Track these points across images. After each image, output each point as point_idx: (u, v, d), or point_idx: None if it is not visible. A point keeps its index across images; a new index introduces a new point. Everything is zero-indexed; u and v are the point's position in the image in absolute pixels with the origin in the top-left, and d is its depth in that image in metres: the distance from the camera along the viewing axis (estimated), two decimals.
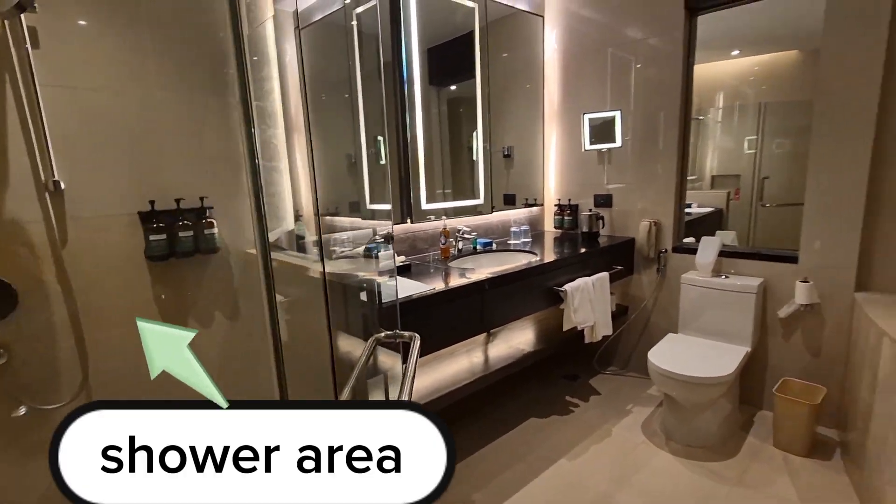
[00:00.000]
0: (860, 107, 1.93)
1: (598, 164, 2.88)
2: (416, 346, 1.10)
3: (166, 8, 1.50)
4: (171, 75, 1.53)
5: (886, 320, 1.70)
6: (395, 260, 1.91)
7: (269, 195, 1.83)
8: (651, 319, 2.78)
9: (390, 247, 1.78)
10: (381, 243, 1.68)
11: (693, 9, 2.39)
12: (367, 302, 1.45)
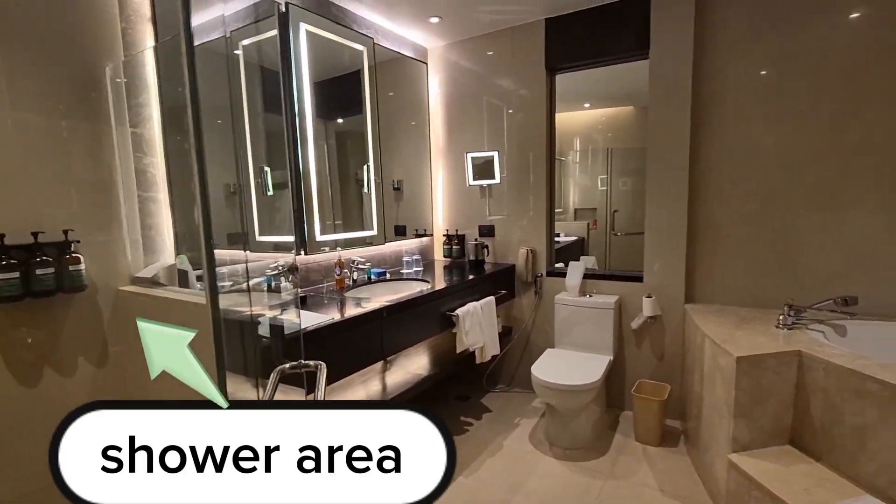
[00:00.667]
0: (678, 155, 2.44)
1: (480, 198, 3.15)
2: (323, 375, 1.12)
3: (28, 27, 1.36)
4: (32, 97, 1.37)
5: (707, 325, 2.13)
6: (298, 291, 1.88)
7: (146, 227, 1.70)
8: (531, 338, 3.07)
9: (292, 278, 1.76)
10: (283, 273, 1.65)
11: (551, 69, 2.81)
12: (267, 336, 1.42)
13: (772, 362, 1.74)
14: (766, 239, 2.34)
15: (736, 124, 2.35)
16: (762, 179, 2.32)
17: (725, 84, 2.35)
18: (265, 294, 1.71)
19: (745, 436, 1.76)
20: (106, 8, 1.54)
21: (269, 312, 1.69)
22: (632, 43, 2.51)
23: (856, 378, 1.53)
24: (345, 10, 2.50)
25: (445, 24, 2.76)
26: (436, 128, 3.24)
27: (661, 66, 2.44)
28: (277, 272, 1.68)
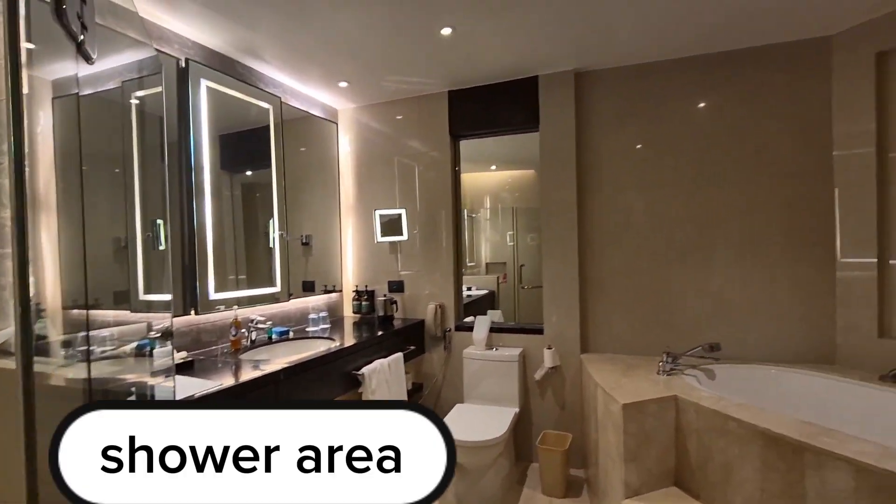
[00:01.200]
0: (567, 216, 2.68)
1: (390, 254, 3.18)
2: None
3: None
4: None
5: (598, 374, 2.27)
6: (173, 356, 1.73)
7: None
8: (442, 393, 3.05)
9: (168, 342, 1.62)
10: (157, 338, 1.52)
11: (455, 135, 3.02)
12: None
13: (653, 407, 1.88)
14: (646, 291, 2.60)
15: (614, 191, 2.65)
16: (638, 238, 2.61)
17: (602, 156, 2.67)
18: (141, 360, 1.55)
19: (635, 480, 1.86)
20: None
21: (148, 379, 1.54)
22: (524, 117, 2.78)
23: (719, 418, 1.70)
24: (251, 69, 2.52)
25: (354, 88, 2.88)
26: (346, 184, 3.28)
27: (549, 139, 2.72)
28: (151, 336, 1.55)
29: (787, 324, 2.37)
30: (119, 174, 1.97)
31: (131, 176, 1.97)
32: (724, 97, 2.45)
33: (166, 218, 2.02)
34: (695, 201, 2.51)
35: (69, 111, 1.79)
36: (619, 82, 2.63)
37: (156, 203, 1.99)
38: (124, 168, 1.96)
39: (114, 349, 1.69)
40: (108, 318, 1.91)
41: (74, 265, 1.64)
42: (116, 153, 1.95)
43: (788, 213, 2.36)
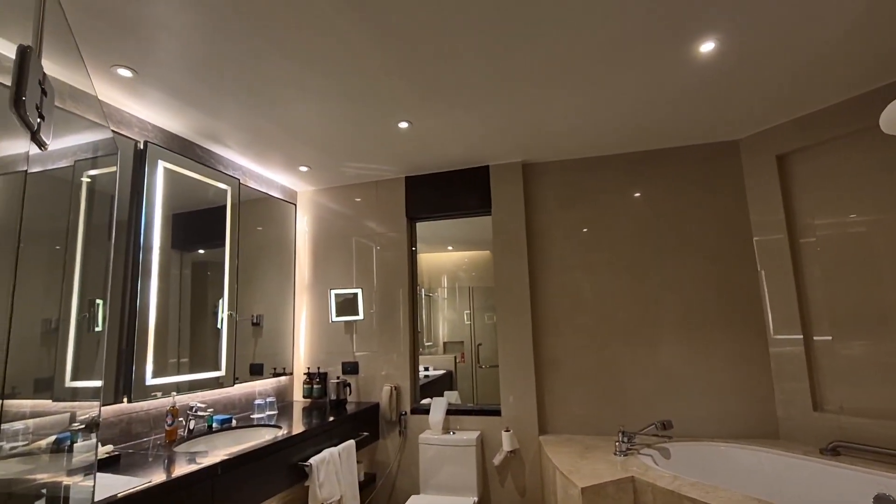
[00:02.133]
0: (521, 296, 2.77)
1: (345, 334, 3.12)
2: None
3: None
4: None
5: (557, 456, 2.23)
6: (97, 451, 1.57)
7: None
8: (396, 484, 2.86)
9: (93, 435, 1.48)
10: (80, 430, 1.39)
11: (411, 217, 3.14)
12: None
13: (611, 489, 1.85)
14: (598, 369, 2.65)
15: (563, 271, 2.79)
16: (586, 318, 2.71)
17: (551, 239, 2.84)
18: (59, 456, 1.40)
19: None
20: None
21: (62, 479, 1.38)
22: (477, 202, 2.95)
23: (674, 498, 1.69)
24: (211, 152, 2.58)
25: (314, 172, 2.99)
26: (302, 264, 3.27)
27: (501, 222, 2.88)
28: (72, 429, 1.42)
29: (730, 399, 2.45)
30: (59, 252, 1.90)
31: (73, 254, 1.90)
32: (653, 189, 2.72)
33: (106, 298, 1.93)
34: (635, 282, 2.67)
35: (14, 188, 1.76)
36: (562, 173, 2.87)
37: (97, 282, 1.91)
38: (66, 245, 1.90)
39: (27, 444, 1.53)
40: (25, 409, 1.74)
41: None
42: (60, 230, 1.90)
43: (719, 293, 2.55)
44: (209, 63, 1.77)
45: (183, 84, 1.91)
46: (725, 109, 2.27)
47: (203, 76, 1.86)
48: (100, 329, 1.92)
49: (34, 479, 1.30)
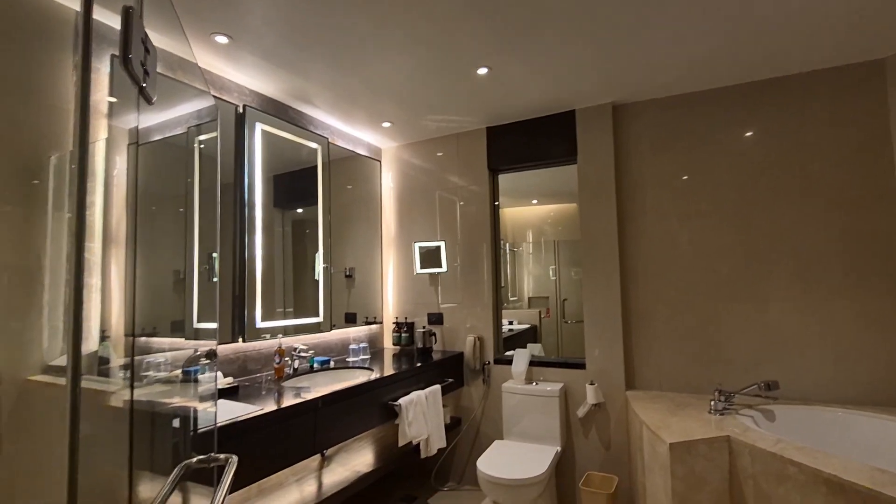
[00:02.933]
0: (608, 248, 2.63)
1: (430, 286, 3.22)
2: (231, 468, 1.07)
3: None
4: None
5: (645, 412, 2.16)
6: (217, 381, 1.81)
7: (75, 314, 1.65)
8: (481, 429, 2.98)
9: (210, 368, 1.70)
10: (204, 364, 1.61)
11: (493, 170, 3.08)
12: (180, 429, 1.35)
13: (703, 448, 1.76)
14: (694, 325, 2.48)
15: (656, 222, 2.59)
16: (683, 271, 2.52)
17: (644, 187, 2.63)
18: (188, 384, 1.64)
19: None
20: (59, 104, 1.63)
21: (195, 403, 1.62)
22: (562, 150, 2.81)
23: (777, 462, 1.57)
24: (302, 113, 2.71)
25: (397, 128, 3.03)
26: (388, 219, 3.39)
27: (587, 171, 2.72)
28: (204, 361, 1.64)
29: (853, 360, 2.18)
30: (182, 212, 2.15)
31: (192, 213, 2.15)
32: (771, 125, 2.38)
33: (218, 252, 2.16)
34: (742, 231, 2.41)
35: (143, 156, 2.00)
36: (659, 113, 2.62)
37: (212, 238, 2.15)
38: (186, 206, 2.14)
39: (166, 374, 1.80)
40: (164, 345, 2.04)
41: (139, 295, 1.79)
42: (180, 193, 2.14)
43: (847, 244, 2.21)
44: (297, 26, 1.84)
45: (275, 47, 2.01)
46: (870, 18, 1.87)
47: (292, 38, 1.94)
48: (217, 279, 2.17)
49: (170, 403, 1.55)
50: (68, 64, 1.67)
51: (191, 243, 2.16)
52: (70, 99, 1.67)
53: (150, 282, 1.99)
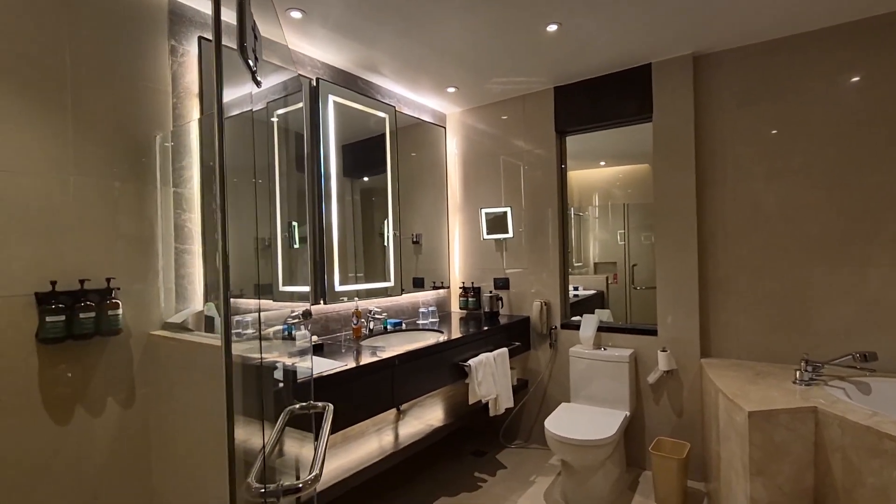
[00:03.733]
0: (685, 211, 2.51)
1: (496, 252, 3.25)
2: (329, 415, 1.19)
3: (94, 104, 1.60)
4: (92, 162, 1.58)
5: (721, 380, 2.10)
6: (310, 339, 1.98)
7: (180, 277, 1.85)
8: (548, 391, 3.04)
9: (304, 327, 1.86)
10: (298, 322, 1.76)
11: (561, 132, 2.99)
12: (281, 380, 1.50)
13: (785, 418, 1.70)
14: (777, 293, 2.33)
15: (738, 182, 2.42)
16: (767, 235, 2.35)
17: (725, 144, 2.45)
18: (283, 341, 1.81)
19: (763, 496, 1.69)
20: (160, 87, 1.79)
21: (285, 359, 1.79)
22: (635, 108, 2.66)
23: (871, 436, 1.49)
24: (370, 83, 2.76)
25: (462, 93, 3.00)
26: (453, 185, 3.42)
27: (664, 129, 2.57)
28: (297, 320, 1.79)
29: None
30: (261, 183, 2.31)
31: (273, 185, 2.30)
32: (879, 69, 2.10)
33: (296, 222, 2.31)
34: (840, 190, 2.19)
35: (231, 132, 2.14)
36: (744, 62, 2.40)
37: (293, 208, 2.30)
38: (269, 177, 2.29)
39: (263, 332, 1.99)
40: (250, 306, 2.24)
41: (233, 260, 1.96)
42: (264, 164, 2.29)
43: None
44: None
45: (344, 18, 2.05)
46: None
47: (360, 8, 1.97)
48: (297, 246, 2.33)
49: (269, 357, 1.71)
50: (164, 48, 1.81)
51: (274, 212, 2.33)
52: (168, 81, 1.82)
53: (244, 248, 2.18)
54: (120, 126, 1.67)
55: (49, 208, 1.49)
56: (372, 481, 2.28)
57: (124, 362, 1.66)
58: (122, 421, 1.65)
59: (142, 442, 1.69)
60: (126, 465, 1.65)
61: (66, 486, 1.51)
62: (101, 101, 1.62)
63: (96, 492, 1.57)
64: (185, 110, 1.87)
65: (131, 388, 1.68)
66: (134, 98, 1.71)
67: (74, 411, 1.53)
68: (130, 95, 1.70)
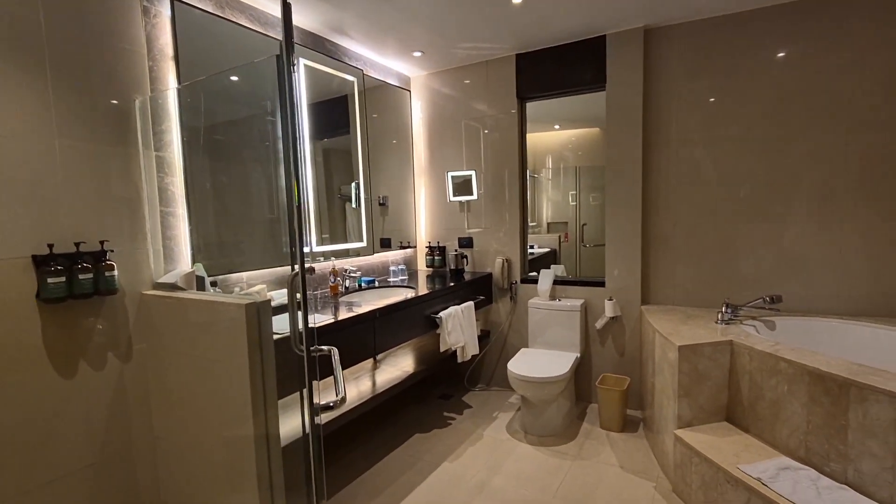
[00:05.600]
0: (632, 174, 2.78)
1: (460, 213, 3.44)
2: (335, 354, 1.37)
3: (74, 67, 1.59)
4: (75, 126, 1.59)
5: (658, 322, 2.44)
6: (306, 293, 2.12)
7: (167, 239, 1.92)
8: (508, 339, 3.35)
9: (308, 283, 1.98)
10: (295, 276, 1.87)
11: (522, 97, 3.15)
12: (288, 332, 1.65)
13: (708, 350, 2.05)
14: (708, 247, 2.69)
15: (680, 147, 2.71)
16: (703, 195, 2.68)
17: (671, 113, 2.72)
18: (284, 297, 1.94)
19: (687, 413, 2.06)
20: (136, 49, 1.78)
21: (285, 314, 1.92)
22: (591, 76, 2.86)
23: (771, 360, 1.85)
24: (337, 45, 2.78)
25: (427, 57, 3.07)
26: (418, 148, 3.53)
27: (615, 97, 2.79)
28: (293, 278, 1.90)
29: (855, 277, 2.39)
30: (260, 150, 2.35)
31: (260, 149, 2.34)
32: (804, 47, 2.40)
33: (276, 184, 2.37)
34: (768, 156, 2.52)
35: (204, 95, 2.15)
36: (691, 36, 2.63)
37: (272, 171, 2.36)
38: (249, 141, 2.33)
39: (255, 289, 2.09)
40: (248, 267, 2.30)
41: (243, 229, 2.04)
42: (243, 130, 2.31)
43: (864, 166, 2.33)
44: None
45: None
46: None
47: None
48: None
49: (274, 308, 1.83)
50: (136, 8, 1.80)
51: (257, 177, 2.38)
52: (142, 43, 1.82)
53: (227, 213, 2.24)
54: (99, 89, 1.67)
55: (38, 171, 1.51)
56: (352, 423, 2.50)
57: (121, 320, 1.74)
58: (121, 374, 1.75)
59: (142, 392, 1.80)
60: (129, 414, 1.77)
61: (74, 439, 1.61)
62: (79, 64, 1.61)
63: (104, 441, 1.69)
64: (161, 73, 1.87)
65: (129, 344, 1.77)
66: (110, 60, 1.70)
67: (79, 366, 1.62)
68: (106, 57, 1.69)
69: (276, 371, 1.56)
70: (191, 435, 1.74)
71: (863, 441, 1.54)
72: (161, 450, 1.84)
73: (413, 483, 2.20)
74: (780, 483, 1.62)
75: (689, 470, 1.96)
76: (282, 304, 2.22)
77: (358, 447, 2.57)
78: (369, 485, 2.21)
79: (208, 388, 1.66)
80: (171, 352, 1.77)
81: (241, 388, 1.52)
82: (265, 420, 1.54)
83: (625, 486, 2.13)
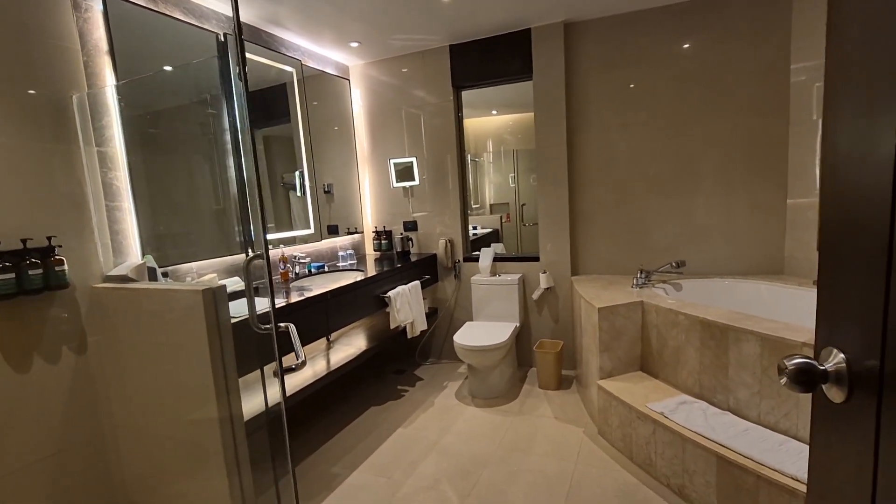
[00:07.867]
0: (560, 157, 3.06)
1: (404, 198, 3.60)
2: (293, 330, 1.52)
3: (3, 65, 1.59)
4: (11, 123, 1.60)
5: (584, 289, 2.75)
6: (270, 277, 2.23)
7: (114, 233, 1.96)
8: (454, 315, 3.58)
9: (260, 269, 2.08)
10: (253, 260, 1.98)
11: (457, 86, 3.33)
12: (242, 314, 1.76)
13: (623, 310, 2.37)
14: (625, 221, 3.03)
15: (599, 132, 3.01)
16: (620, 175, 3.00)
17: (590, 100, 3.00)
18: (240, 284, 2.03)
19: (608, 365, 2.38)
20: (69, 45, 1.78)
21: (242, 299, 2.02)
22: (519, 67, 3.08)
23: (672, 314, 2.19)
24: (274, 36, 2.82)
25: (364, 47, 3.17)
26: (361, 136, 3.64)
27: (541, 86, 3.04)
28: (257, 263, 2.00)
29: (744, 242, 2.80)
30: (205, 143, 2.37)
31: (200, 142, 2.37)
32: (700, 41, 2.73)
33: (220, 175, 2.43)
34: (674, 139, 2.87)
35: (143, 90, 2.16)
36: (606, 31, 2.91)
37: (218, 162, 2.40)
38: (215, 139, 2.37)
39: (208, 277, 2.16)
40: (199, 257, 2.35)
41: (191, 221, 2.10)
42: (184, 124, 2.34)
43: (749, 146, 2.72)
44: None
45: None
46: None
47: None
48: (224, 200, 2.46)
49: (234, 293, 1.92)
50: (66, 3, 1.80)
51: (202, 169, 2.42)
52: (75, 39, 1.83)
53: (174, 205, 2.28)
54: (34, 86, 1.68)
55: None
56: (310, 400, 2.65)
57: (73, 314, 1.78)
58: (77, 366, 1.80)
59: (99, 383, 1.86)
60: (87, 404, 1.82)
61: (33, 430, 1.66)
62: (11, 61, 1.61)
63: (64, 431, 1.74)
64: (97, 68, 1.89)
65: (83, 337, 1.81)
66: (44, 57, 1.71)
67: (33, 361, 1.66)
68: (40, 54, 1.69)
69: (235, 352, 1.68)
70: (153, 420, 1.82)
71: (739, 374, 1.89)
72: (123, 436, 1.91)
73: (371, 448, 2.39)
74: (678, 414, 1.95)
75: (610, 413, 2.27)
76: (234, 291, 2.31)
77: (316, 423, 2.72)
78: (329, 453, 2.38)
79: (168, 373, 1.75)
80: (128, 342, 1.84)
81: (202, 371, 1.63)
82: (227, 399, 1.67)
83: (559, 433, 2.43)
